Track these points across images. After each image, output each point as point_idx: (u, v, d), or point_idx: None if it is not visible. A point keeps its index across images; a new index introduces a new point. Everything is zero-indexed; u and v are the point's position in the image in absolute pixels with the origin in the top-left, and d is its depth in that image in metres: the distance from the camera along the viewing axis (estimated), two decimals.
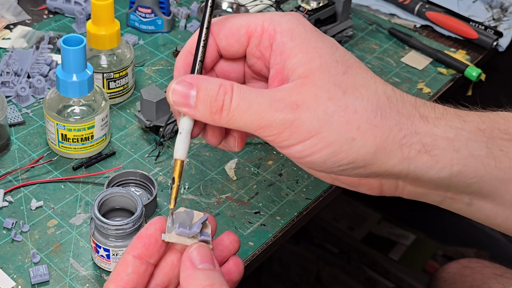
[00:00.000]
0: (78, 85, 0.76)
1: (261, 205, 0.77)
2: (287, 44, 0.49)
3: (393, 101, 0.49)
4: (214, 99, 0.48)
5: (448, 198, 0.54)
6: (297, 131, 0.48)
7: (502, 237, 1.47)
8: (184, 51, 0.53)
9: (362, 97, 0.48)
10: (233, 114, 0.48)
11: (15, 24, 1.02)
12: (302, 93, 0.48)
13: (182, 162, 0.50)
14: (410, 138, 0.49)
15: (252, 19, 0.51)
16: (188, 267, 0.48)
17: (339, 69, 0.49)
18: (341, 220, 1.53)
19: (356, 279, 1.45)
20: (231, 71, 0.56)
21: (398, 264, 1.46)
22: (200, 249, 0.49)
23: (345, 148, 0.48)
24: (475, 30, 1.04)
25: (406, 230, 1.52)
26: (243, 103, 0.48)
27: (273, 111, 0.47)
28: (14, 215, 0.74)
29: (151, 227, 0.50)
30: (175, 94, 0.49)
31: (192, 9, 1.07)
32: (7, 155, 0.81)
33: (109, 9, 0.85)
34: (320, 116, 0.47)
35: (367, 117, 0.48)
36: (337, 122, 0.47)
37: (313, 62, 0.48)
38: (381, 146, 0.48)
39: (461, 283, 0.94)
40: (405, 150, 0.49)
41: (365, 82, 0.49)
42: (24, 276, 0.68)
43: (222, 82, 0.48)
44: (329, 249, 1.49)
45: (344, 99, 0.48)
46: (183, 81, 0.49)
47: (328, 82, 0.48)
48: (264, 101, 0.48)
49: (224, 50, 0.53)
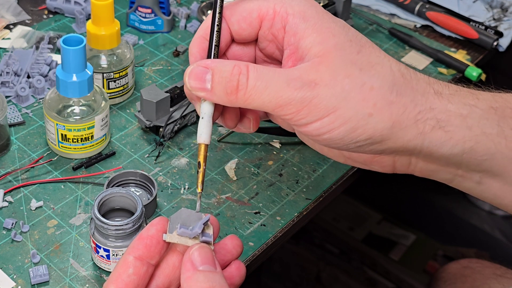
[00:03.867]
0: (78, 85, 0.76)
1: (261, 205, 0.77)
2: (300, 25, 0.50)
3: (408, 78, 0.50)
4: (228, 80, 0.48)
5: (458, 176, 0.55)
6: (315, 109, 0.48)
7: (502, 237, 1.47)
8: (198, 36, 0.53)
9: (378, 74, 0.49)
10: (250, 94, 0.48)
11: (15, 24, 1.02)
12: (320, 71, 0.48)
13: (206, 146, 0.51)
14: (425, 114, 0.49)
15: (264, 3, 0.51)
16: (188, 269, 0.48)
17: (354, 48, 0.49)
18: (341, 220, 1.53)
19: (356, 279, 1.45)
20: (243, 55, 0.56)
21: (398, 264, 1.46)
22: (201, 251, 0.49)
23: (362, 124, 0.49)
24: (475, 30, 1.04)
25: (406, 230, 1.52)
26: (260, 82, 0.48)
27: (291, 90, 0.48)
28: (14, 215, 0.73)
29: (152, 228, 0.50)
30: (191, 79, 0.49)
31: (192, 9, 1.07)
32: (7, 155, 0.81)
33: (109, 9, 0.85)
34: (338, 93, 0.48)
35: (383, 94, 0.49)
36: (354, 98, 0.48)
37: (328, 41, 0.49)
38: (397, 122, 0.49)
39: (461, 283, 0.94)
40: (420, 126, 0.49)
41: (380, 60, 0.50)
42: (24, 276, 0.68)
43: (236, 63, 0.49)
44: (329, 249, 1.49)
45: (361, 76, 0.48)
46: (198, 66, 0.49)
47: (344, 60, 0.48)
48: (282, 80, 0.48)
49: (237, 34, 0.53)
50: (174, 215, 0.51)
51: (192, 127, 0.87)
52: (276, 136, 0.86)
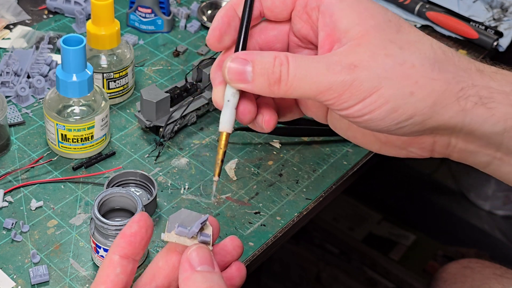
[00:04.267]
0: (78, 85, 0.76)
1: (261, 205, 0.77)
2: (336, 5, 0.49)
3: (449, 55, 0.50)
4: (271, 72, 0.48)
5: (496, 159, 0.54)
6: (356, 91, 0.48)
7: (502, 237, 1.47)
8: (228, 6, 0.52)
9: (419, 51, 0.49)
10: (291, 83, 0.48)
11: (15, 24, 1.02)
12: (359, 53, 0.48)
13: (228, 135, 0.51)
14: (467, 91, 0.49)
15: None
16: (186, 269, 0.48)
17: (393, 28, 0.49)
18: (341, 221, 1.53)
19: (356, 280, 1.45)
20: (275, 41, 0.55)
21: (398, 264, 1.46)
22: (199, 251, 0.49)
23: (404, 103, 0.48)
24: (475, 30, 1.04)
25: (406, 230, 1.52)
26: (300, 71, 0.48)
27: (331, 74, 0.48)
28: (14, 215, 0.73)
29: (134, 224, 0.50)
30: (231, 72, 0.49)
31: (192, 9, 1.07)
32: (7, 155, 0.81)
33: (109, 9, 0.85)
34: (379, 73, 0.48)
35: (424, 71, 0.48)
36: (395, 77, 0.48)
37: (367, 22, 0.48)
38: (439, 99, 0.48)
39: (461, 283, 0.94)
40: (462, 102, 0.49)
41: (419, 38, 0.50)
42: (24, 277, 0.68)
43: (276, 54, 0.49)
44: (329, 249, 1.49)
45: (401, 55, 0.48)
46: (237, 58, 0.49)
47: (384, 40, 0.48)
48: (321, 66, 0.48)
49: (269, 10, 0.52)
50: (173, 215, 0.51)
51: (192, 127, 0.87)
52: (276, 136, 0.86)
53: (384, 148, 0.57)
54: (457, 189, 1.52)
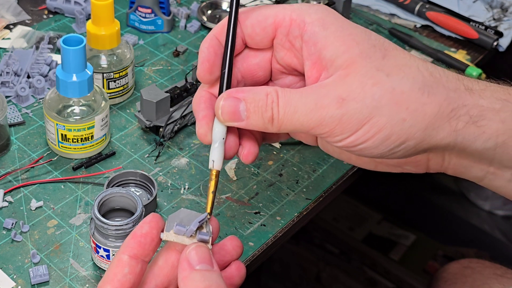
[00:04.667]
0: (78, 85, 0.76)
1: (261, 205, 0.77)
2: (319, 34, 0.49)
3: (437, 76, 0.49)
4: (264, 110, 0.49)
5: (490, 174, 0.54)
6: (348, 124, 0.48)
7: (502, 237, 1.47)
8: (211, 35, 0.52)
9: (407, 76, 0.48)
10: (282, 121, 0.48)
11: (15, 24, 1.02)
12: (346, 84, 0.47)
13: (218, 173, 0.51)
14: (458, 111, 0.49)
15: (280, 10, 0.51)
16: (185, 268, 0.48)
17: (378, 54, 0.49)
18: (341, 220, 1.53)
19: (356, 279, 1.45)
20: (258, 69, 0.55)
21: (398, 264, 1.46)
22: (198, 250, 0.49)
23: (396, 130, 0.48)
24: (475, 30, 1.04)
25: (406, 230, 1.52)
26: (289, 108, 0.48)
27: (320, 110, 0.47)
28: (14, 215, 0.73)
29: (145, 225, 0.50)
30: (225, 111, 0.49)
31: (192, 9, 1.07)
32: (7, 155, 0.81)
33: (109, 9, 0.85)
34: (368, 103, 0.47)
35: (414, 96, 0.48)
36: (386, 105, 0.47)
37: (352, 50, 0.48)
38: (431, 122, 0.48)
39: (461, 283, 0.94)
40: (453, 123, 0.49)
41: (406, 61, 0.49)
42: (24, 276, 0.68)
43: (268, 90, 0.49)
44: (329, 249, 1.49)
45: (390, 82, 0.48)
46: (229, 97, 0.49)
47: (370, 68, 0.48)
48: (309, 101, 0.48)
49: (250, 38, 0.52)
50: (172, 214, 0.51)
51: (192, 127, 0.87)
52: None
53: (380, 166, 0.58)
54: (457, 189, 1.52)
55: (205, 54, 0.51)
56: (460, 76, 0.51)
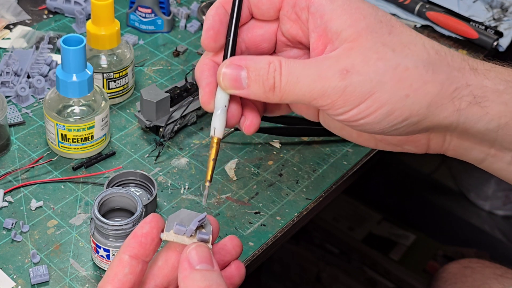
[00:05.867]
0: (78, 85, 0.76)
1: (261, 205, 0.77)
2: (326, 6, 0.48)
3: (442, 55, 0.49)
4: (266, 78, 0.48)
5: (490, 156, 0.54)
6: (350, 97, 0.48)
7: (502, 237, 1.47)
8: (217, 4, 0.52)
9: (412, 53, 0.48)
10: (284, 90, 0.48)
11: (15, 24, 1.02)
12: (351, 57, 0.47)
13: (219, 140, 0.51)
14: (462, 91, 0.49)
15: None
16: (185, 268, 0.48)
17: (385, 29, 0.48)
18: (341, 220, 1.53)
19: (356, 279, 1.45)
20: (262, 40, 0.54)
21: (398, 264, 1.46)
22: (198, 249, 0.49)
23: (399, 106, 0.48)
24: (475, 30, 1.04)
25: (406, 230, 1.52)
26: (291, 77, 0.48)
27: (323, 81, 0.47)
28: (14, 215, 0.73)
29: (146, 225, 0.50)
30: (226, 78, 0.49)
31: (192, 9, 1.07)
32: (7, 155, 0.81)
33: (109, 9, 0.85)
34: (372, 78, 0.47)
35: (418, 73, 0.48)
36: (389, 81, 0.47)
37: (358, 23, 0.48)
38: (434, 100, 0.48)
39: (461, 283, 0.94)
40: (456, 103, 0.49)
41: (412, 38, 0.49)
42: (24, 276, 0.68)
43: (270, 59, 0.48)
44: (329, 249, 1.49)
45: (394, 58, 0.48)
46: (231, 64, 0.49)
47: (376, 43, 0.48)
48: (313, 72, 0.47)
49: (256, 7, 0.52)
50: (172, 214, 0.51)
51: (192, 127, 0.87)
52: (276, 136, 0.86)
53: (380, 144, 0.57)
54: (457, 189, 1.52)
55: (210, 22, 0.51)
56: (466, 56, 0.51)
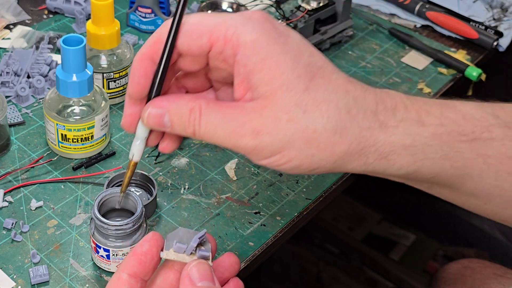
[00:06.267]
0: (78, 85, 0.76)
1: (261, 205, 0.77)
2: (250, 58, 0.49)
3: (354, 114, 0.51)
4: (187, 125, 0.51)
5: (409, 182, 0.57)
6: (261, 152, 0.50)
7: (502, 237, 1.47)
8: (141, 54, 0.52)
9: (322, 115, 0.50)
10: (202, 137, 0.51)
11: (15, 24, 1.02)
12: (263, 117, 0.49)
13: (136, 164, 0.57)
14: (368, 149, 0.51)
15: (215, 28, 0.50)
16: (187, 285, 0.48)
17: (301, 85, 0.49)
18: (341, 220, 1.53)
19: (356, 279, 1.45)
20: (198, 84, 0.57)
21: (398, 264, 1.46)
22: (199, 266, 0.49)
23: (306, 162, 0.51)
24: (475, 30, 1.04)
25: (406, 230, 1.52)
26: (209, 130, 0.50)
27: (236, 138, 0.50)
28: (14, 215, 0.73)
29: (146, 244, 0.51)
30: (150, 118, 0.52)
31: (192, 9, 1.07)
32: (7, 155, 0.81)
33: (109, 9, 0.85)
34: (281, 138, 0.50)
35: (326, 136, 0.50)
36: (297, 142, 0.50)
37: (275, 81, 0.49)
38: (341, 158, 0.51)
39: (461, 283, 0.94)
40: (363, 159, 0.51)
41: (326, 95, 0.50)
42: (24, 276, 0.68)
43: (191, 106, 0.51)
44: (329, 249, 1.49)
45: (304, 119, 0.49)
46: (155, 107, 0.52)
47: (289, 102, 0.49)
48: (228, 127, 0.50)
49: (185, 53, 0.53)
50: (171, 233, 0.52)
51: None
52: None
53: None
54: None
55: (136, 78, 0.52)
56: (380, 107, 0.52)
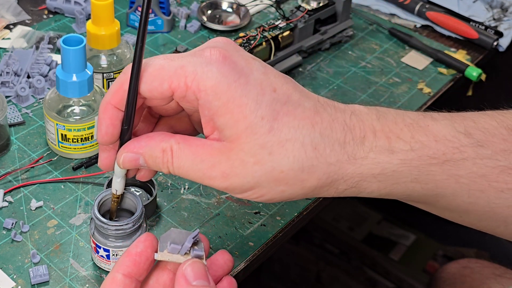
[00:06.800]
0: (78, 85, 0.76)
1: (261, 205, 0.77)
2: (212, 103, 0.50)
3: (320, 150, 0.51)
4: (161, 165, 0.52)
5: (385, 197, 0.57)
6: (233, 191, 0.52)
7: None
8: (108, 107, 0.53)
9: (288, 155, 0.50)
10: (177, 174, 0.52)
11: (15, 24, 1.02)
12: (231, 160, 0.50)
13: (119, 196, 0.61)
14: (337, 181, 0.52)
15: (174, 76, 0.50)
16: (182, 285, 0.48)
17: (265, 127, 0.50)
18: (341, 220, 1.53)
19: (356, 279, 1.45)
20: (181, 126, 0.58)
21: (398, 264, 1.46)
22: (194, 266, 0.49)
23: (277, 196, 0.52)
24: (475, 30, 1.04)
25: (406, 230, 1.52)
26: (182, 170, 0.51)
27: (207, 179, 0.51)
28: (14, 215, 0.73)
29: (140, 244, 0.51)
30: (126, 162, 0.53)
31: (192, 9, 1.07)
32: (7, 155, 0.81)
33: (109, 9, 0.85)
34: (249, 180, 0.50)
35: (294, 174, 0.50)
36: (265, 181, 0.51)
37: (238, 125, 0.49)
38: (311, 190, 0.52)
39: (460, 283, 0.94)
40: (333, 189, 0.52)
41: (291, 134, 0.50)
42: (24, 276, 0.68)
43: (163, 147, 0.51)
44: (329, 249, 1.49)
45: (271, 161, 0.50)
46: (129, 152, 0.53)
47: (254, 145, 0.50)
48: (199, 169, 0.51)
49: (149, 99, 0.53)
50: (163, 235, 0.52)
51: None
52: None
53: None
54: None
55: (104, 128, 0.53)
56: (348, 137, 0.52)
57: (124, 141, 0.54)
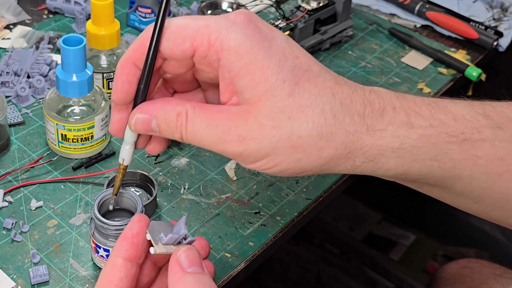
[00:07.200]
0: (78, 85, 0.76)
1: (261, 205, 0.77)
2: (234, 64, 0.49)
3: (340, 118, 0.50)
4: (174, 130, 0.51)
5: (399, 181, 0.57)
6: (247, 158, 0.50)
7: (502, 237, 1.47)
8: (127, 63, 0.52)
9: (307, 120, 0.49)
10: (190, 141, 0.51)
11: (15, 24, 1.02)
12: (248, 123, 0.49)
13: (126, 167, 0.58)
14: (355, 152, 0.51)
15: (198, 33, 0.50)
16: (177, 271, 0.48)
17: (286, 90, 0.49)
18: (341, 220, 1.53)
19: (356, 279, 1.45)
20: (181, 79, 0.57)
21: (398, 264, 1.46)
22: (188, 252, 0.49)
23: (293, 166, 0.51)
24: (475, 30, 1.04)
25: (406, 230, 1.52)
26: (195, 136, 0.50)
27: (222, 144, 0.50)
28: (14, 215, 0.73)
29: (135, 225, 0.50)
30: (138, 124, 0.52)
31: (192, 9, 1.07)
32: (7, 155, 0.81)
33: (109, 9, 0.85)
34: (266, 145, 0.50)
35: (312, 141, 0.50)
36: (282, 148, 0.50)
37: (259, 87, 0.49)
38: (327, 162, 0.51)
39: (460, 283, 0.94)
40: (350, 162, 0.51)
41: (312, 100, 0.50)
42: (24, 276, 0.68)
43: (178, 111, 0.51)
44: (329, 249, 1.50)
45: (289, 125, 0.49)
46: (142, 112, 0.52)
47: (273, 108, 0.49)
48: (214, 133, 0.50)
49: (169, 57, 0.52)
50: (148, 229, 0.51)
51: None
52: None
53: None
54: None
55: (120, 84, 0.52)
56: (368, 110, 0.51)
57: (138, 102, 0.53)
